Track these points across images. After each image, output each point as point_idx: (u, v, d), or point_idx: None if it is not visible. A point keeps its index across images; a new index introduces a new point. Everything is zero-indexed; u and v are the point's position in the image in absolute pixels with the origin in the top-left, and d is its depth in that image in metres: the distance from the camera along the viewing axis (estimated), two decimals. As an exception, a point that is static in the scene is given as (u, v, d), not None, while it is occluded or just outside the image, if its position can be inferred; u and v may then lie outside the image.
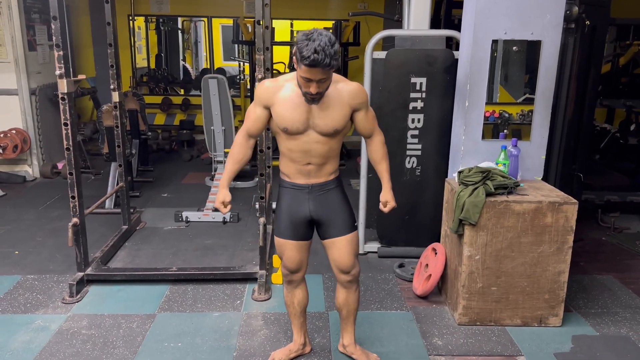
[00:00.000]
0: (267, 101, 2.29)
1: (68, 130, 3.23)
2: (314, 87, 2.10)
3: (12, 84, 5.80)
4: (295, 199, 2.40)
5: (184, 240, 4.33)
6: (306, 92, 2.15)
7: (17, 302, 3.27)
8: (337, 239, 2.43)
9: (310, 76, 2.06)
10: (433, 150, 3.83)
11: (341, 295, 2.58)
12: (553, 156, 3.65)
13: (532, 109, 3.23)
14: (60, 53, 3.13)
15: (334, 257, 2.46)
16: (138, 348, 2.81)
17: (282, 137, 2.33)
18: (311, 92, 2.12)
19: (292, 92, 2.24)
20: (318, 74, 2.05)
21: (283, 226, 2.44)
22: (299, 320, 2.67)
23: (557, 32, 3.11)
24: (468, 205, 2.88)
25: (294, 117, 2.24)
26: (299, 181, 2.39)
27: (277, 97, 2.26)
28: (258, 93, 2.32)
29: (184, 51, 11.68)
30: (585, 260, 3.99)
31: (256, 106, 2.33)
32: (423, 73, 3.70)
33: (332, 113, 2.26)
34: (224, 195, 2.47)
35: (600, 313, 3.24)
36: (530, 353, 2.82)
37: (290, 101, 2.24)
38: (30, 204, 5.15)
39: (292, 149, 2.32)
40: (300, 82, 2.14)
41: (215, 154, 5.36)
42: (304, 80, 2.10)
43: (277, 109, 2.27)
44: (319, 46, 1.98)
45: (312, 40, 1.99)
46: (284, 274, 2.56)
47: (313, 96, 2.15)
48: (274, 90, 2.27)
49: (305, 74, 2.06)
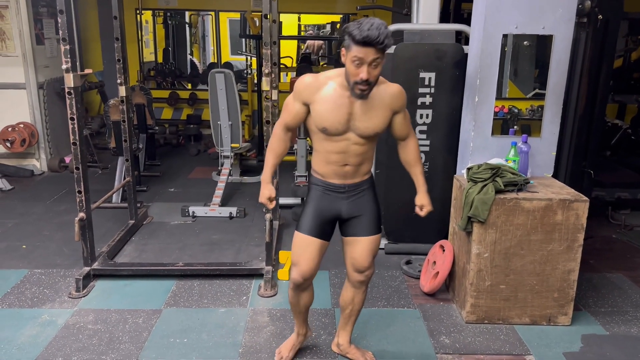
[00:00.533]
0: (307, 98, 2.19)
1: (74, 124, 3.22)
2: (365, 71, 1.98)
3: (20, 78, 5.81)
4: (326, 198, 2.34)
5: (190, 235, 4.32)
6: (355, 83, 2.04)
7: (24, 296, 3.28)
8: (362, 238, 2.39)
9: (362, 55, 1.96)
10: (441, 146, 3.79)
11: (348, 293, 2.55)
12: (563, 152, 3.61)
13: (542, 105, 3.18)
14: (67, 47, 3.11)
15: (353, 254, 2.42)
16: (144, 343, 2.81)
17: (319, 137, 2.25)
18: (362, 78, 2.00)
19: (334, 91, 2.15)
20: (370, 53, 1.96)
21: (309, 223, 2.33)
22: (303, 316, 2.64)
23: (569, 26, 3.06)
24: (477, 203, 2.84)
25: (334, 118, 2.15)
26: (335, 181, 2.31)
27: (318, 95, 2.17)
28: (298, 88, 2.21)
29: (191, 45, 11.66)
30: (595, 258, 3.94)
31: (295, 101, 2.23)
32: (432, 68, 3.65)
33: (374, 116, 2.19)
34: (269, 191, 2.39)
35: (611, 312, 3.20)
36: (539, 352, 2.79)
37: (332, 101, 2.15)
38: (37, 198, 5.16)
39: (330, 150, 2.24)
40: (349, 70, 2.03)
41: (222, 148, 5.34)
42: (354, 64, 1.99)
43: (317, 107, 2.17)
44: (372, 25, 1.92)
45: (364, 23, 1.94)
46: (295, 280, 2.38)
47: (363, 86, 2.04)
48: (315, 88, 2.17)
49: (357, 53, 1.96)
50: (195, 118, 8.12)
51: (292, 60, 9.97)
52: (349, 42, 1.99)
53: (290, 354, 2.67)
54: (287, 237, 4.28)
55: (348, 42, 1.99)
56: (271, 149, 2.38)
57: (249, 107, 7.61)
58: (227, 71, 5.17)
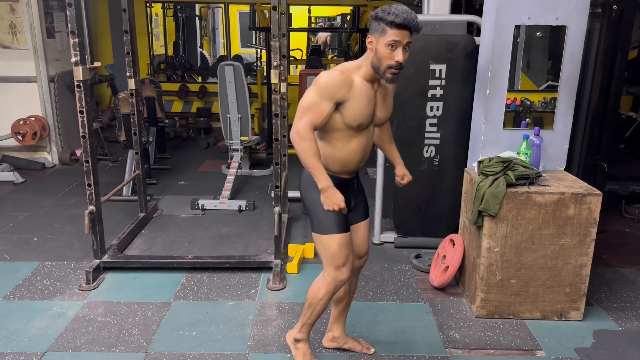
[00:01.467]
0: (342, 96, 2.07)
1: (84, 118, 3.23)
2: (401, 54, 2.02)
3: (31, 72, 5.83)
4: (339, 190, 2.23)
5: (199, 229, 4.33)
6: (389, 67, 2.04)
7: (35, 288, 3.30)
8: (361, 224, 2.43)
9: (400, 38, 2.00)
10: (452, 139, 3.75)
11: (351, 283, 2.55)
12: (576, 145, 3.56)
13: (554, 97, 3.13)
14: (76, 40, 3.11)
15: (355, 241, 2.41)
16: (153, 336, 2.82)
17: (345, 135, 2.15)
18: (398, 60, 2.02)
19: (362, 84, 2.11)
20: (406, 36, 2.02)
21: (337, 221, 2.22)
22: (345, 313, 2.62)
23: (583, 17, 3.00)
24: (488, 196, 2.81)
25: (368, 112, 2.13)
26: (345, 176, 2.28)
27: (352, 91, 2.09)
28: (329, 85, 2.06)
29: (201, 38, 11.66)
30: (608, 252, 3.89)
31: (324, 100, 2.06)
32: (443, 59, 3.61)
33: (388, 103, 2.27)
34: (339, 195, 2.11)
35: (623, 307, 3.16)
36: (550, 348, 2.76)
37: (365, 95, 2.11)
38: (49, 191, 5.20)
39: (354, 148, 2.18)
40: (383, 54, 2.03)
41: (231, 141, 5.34)
42: (390, 48, 2.01)
43: (353, 105, 2.09)
44: (404, 9, 1.99)
45: (395, 8, 1.99)
46: (344, 279, 2.27)
47: (396, 70, 2.05)
48: (349, 84, 2.08)
49: (395, 37, 2.00)
50: (205, 111, 8.13)
51: (301, 53, 9.93)
52: (383, 27, 2.01)
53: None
54: (295, 231, 4.27)
55: (382, 27, 2.02)
56: (311, 153, 2.07)
57: (258, 100, 7.59)
58: (237, 64, 5.15)
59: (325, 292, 2.31)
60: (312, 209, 2.27)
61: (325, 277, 2.30)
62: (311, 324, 2.47)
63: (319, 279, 2.35)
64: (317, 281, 2.36)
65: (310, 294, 2.37)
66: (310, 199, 2.27)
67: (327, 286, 2.29)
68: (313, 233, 2.31)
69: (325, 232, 2.24)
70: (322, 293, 2.32)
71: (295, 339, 2.52)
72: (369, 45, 2.09)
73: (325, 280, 2.30)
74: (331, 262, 2.26)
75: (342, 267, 2.26)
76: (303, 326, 2.47)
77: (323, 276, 2.32)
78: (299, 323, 2.51)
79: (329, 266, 2.28)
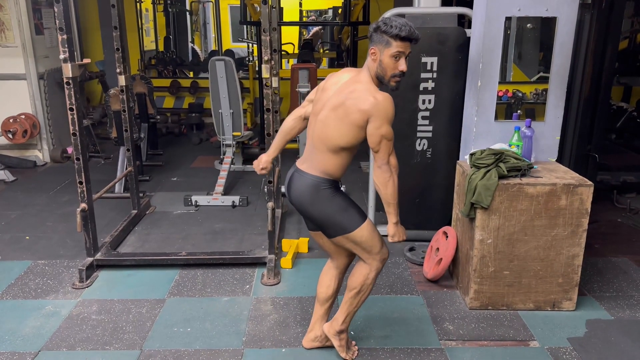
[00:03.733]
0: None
1: (74, 115, 3.20)
2: (404, 63, 2.16)
3: (20, 69, 5.78)
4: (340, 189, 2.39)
5: (193, 225, 4.32)
6: (393, 76, 2.17)
7: (27, 287, 3.29)
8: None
9: (403, 49, 2.13)
10: (444, 131, 3.75)
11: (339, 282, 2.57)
12: (568, 136, 3.57)
13: (546, 88, 3.14)
14: (64, 37, 3.08)
15: None
16: (147, 333, 2.81)
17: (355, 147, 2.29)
18: (402, 70, 2.15)
19: None
20: (408, 47, 2.15)
21: (356, 212, 2.31)
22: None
23: (573, 7, 3.00)
24: (480, 188, 2.82)
25: None
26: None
27: None
28: (393, 110, 2.17)
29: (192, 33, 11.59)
30: (600, 242, 3.91)
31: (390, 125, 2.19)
32: (434, 52, 3.60)
33: None
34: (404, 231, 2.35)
35: (615, 297, 3.18)
36: (544, 338, 2.78)
37: None
38: (40, 189, 5.17)
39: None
40: (388, 65, 2.14)
41: (224, 137, 5.32)
42: (394, 59, 2.13)
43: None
44: (405, 23, 2.11)
45: (397, 21, 2.10)
46: (387, 257, 2.40)
47: (399, 79, 2.19)
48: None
49: (399, 49, 2.12)
50: (197, 106, 8.09)
51: (293, 47, 9.89)
52: (387, 39, 2.12)
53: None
54: (289, 226, 4.26)
55: (386, 40, 2.12)
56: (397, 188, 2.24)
57: (250, 95, 7.57)
58: (228, 59, 5.13)
59: (374, 275, 2.39)
60: (331, 216, 2.29)
61: (371, 263, 2.36)
62: (355, 312, 2.51)
63: (362, 267, 2.39)
64: (360, 269, 2.39)
65: (357, 282, 2.39)
66: (323, 210, 2.29)
67: (375, 269, 2.38)
68: (340, 237, 2.32)
69: (354, 227, 2.29)
70: (371, 278, 2.38)
71: (340, 330, 2.53)
72: (371, 57, 2.18)
73: (370, 266, 2.37)
74: (372, 248, 2.33)
75: (382, 247, 2.36)
76: (347, 316, 2.50)
77: (367, 263, 2.37)
78: (340, 315, 2.50)
79: (371, 254, 2.34)
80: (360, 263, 2.40)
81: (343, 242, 2.33)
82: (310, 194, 2.27)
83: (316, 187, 2.26)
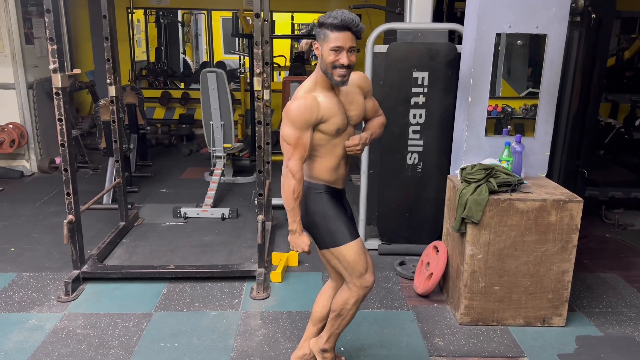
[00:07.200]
0: (315, 119, 2.11)
1: (63, 125, 3.17)
2: (345, 56, 2.05)
3: (9, 78, 5.73)
4: (335, 201, 2.27)
5: (182, 237, 4.27)
6: (334, 67, 2.06)
7: (12, 300, 3.22)
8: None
9: (341, 43, 2.04)
10: (435, 146, 3.76)
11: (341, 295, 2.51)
12: (557, 152, 3.59)
13: (535, 103, 3.16)
14: (55, 47, 3.06)
15: None
16: (134, 348, 2.76)
17: (328, 144, 2.18)
18: (342, 64, 2.05)
19: (325, 97, 2.15)
20: (348, 40, 2.04)
21: (347, 228, 2.23)
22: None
23: (563, 25, 3.04)
24: (471, 203, 2.82)
25: (341, 115, 2.16)
26: (338, 187, 2.30)
27: (321, 109, 2.12)
28: (301, 115, 2.08)
29: (184, 44, 11.58)
30: (589, 257, 3.93)
31: (303, 131, 2.09)
32: (425, 67, 3.62)
33: (356, 101, 2.25)
34: (306, 239, 2.23)
35: (605, 312, 3.19)
36: (534, 354, 2.76)
37: (332, 104, 2.14)
38: (27, 200, 5.10)
39: (339, 153, 2.21)
40: (328, 60, 2.06)
41: (214, 149, 5.29)
42: (333, 52, 2.05)
43: (327, 117, 2.13)
44: (344, 12, 2.03)
45: (335, 12, 2.04)
46: (371, 283, 2.28)
47: (344, 73, 2.07)
48: (317, 104, 2.11)
49: (335, 42, 2.04)
50: (187, 118, 8.06)
51: (285, 59, 9.92)
52: (325, 32, 2.06)
53: None
54: (279, 239, 4.24)
55: (324, 33, 2.07)
56: (295, 195, 2.16)
57: (242, 107, 7.55)
58: (219, 70, 5.12)
59: (354, 301, 2.29)
60: (319, 223, 2.24)
61: (351, 288, 2.27)
62: (339, 334, 2.45)
63: (344, 290, 2.32)
64: (342, 292, 2.32)
65: (337, 305, 2.33)
66: (314, 213, 2.24)
67: (356, 296, 2.27)
68: (324, 250, 2.27)
69: (340, 243, 2.21)
70: (351, 303, 2.29)
71: (323, 349, 2.48)
72: (315, 52, 2.14)
73: (351, 291, 2.27)
74: (353, 272, 2.24)
75: (365, 273, 2.25)
76: (331, 336, 2.44)
77: (348, 287, 2.28)
78: (325, 333, 2.45)
79: (352, 277, 2.25)
80: (344, 286, 2.34)
81: (329, 257, 2.29)
82: (304, 197, 2.24)
83: (307, 189, 2.23)
